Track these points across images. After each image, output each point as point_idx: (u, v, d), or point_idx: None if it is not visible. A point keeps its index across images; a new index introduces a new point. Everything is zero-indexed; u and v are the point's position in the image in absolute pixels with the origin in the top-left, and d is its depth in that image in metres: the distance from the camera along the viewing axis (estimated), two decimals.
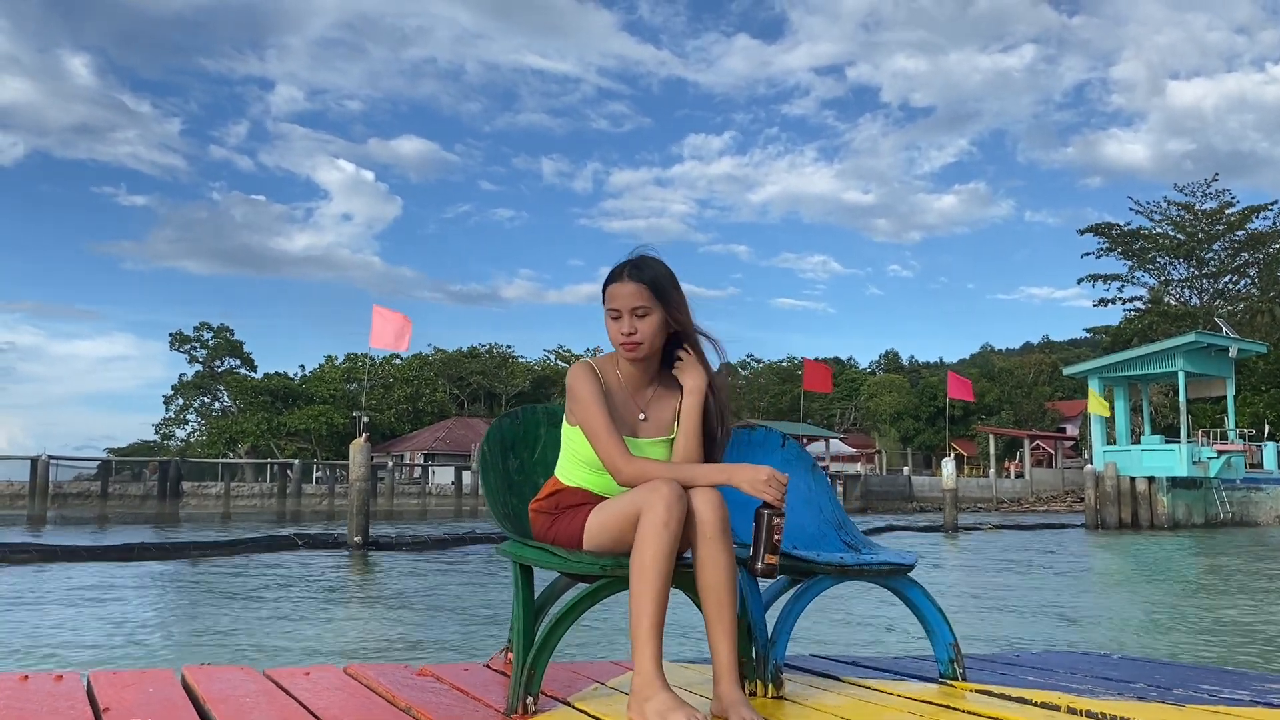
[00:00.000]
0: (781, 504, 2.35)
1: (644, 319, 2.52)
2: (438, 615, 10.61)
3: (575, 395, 2.52)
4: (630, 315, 2.52)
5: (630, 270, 2.54)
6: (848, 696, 2.68)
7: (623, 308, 2.52)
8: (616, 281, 2.55)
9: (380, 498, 39.97)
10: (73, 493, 35.94)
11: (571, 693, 2.68)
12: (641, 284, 2.52)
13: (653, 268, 2.56)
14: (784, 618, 2.73)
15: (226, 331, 60.72)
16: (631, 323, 2.52)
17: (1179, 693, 2.66)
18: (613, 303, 2.54)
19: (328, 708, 2.43)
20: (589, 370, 2.55)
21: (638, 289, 2.51)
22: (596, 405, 2.48)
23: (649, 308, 2.52)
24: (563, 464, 2.63)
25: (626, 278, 2.53)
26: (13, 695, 2.48)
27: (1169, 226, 62.64)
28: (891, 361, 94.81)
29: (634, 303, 2.51)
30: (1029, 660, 3.33)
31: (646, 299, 2.52)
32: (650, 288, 2.52)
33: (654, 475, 2.39)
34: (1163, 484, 34.69)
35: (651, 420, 2.59)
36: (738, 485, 2.37)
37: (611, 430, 2.46)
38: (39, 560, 16.11)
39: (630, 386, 2.61)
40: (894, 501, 51.96)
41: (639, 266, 2.55)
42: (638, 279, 2.53)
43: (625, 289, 2.52)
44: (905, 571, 2.71)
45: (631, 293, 2.52)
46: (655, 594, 2.25)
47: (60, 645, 8.63)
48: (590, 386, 2.51)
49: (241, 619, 10.25)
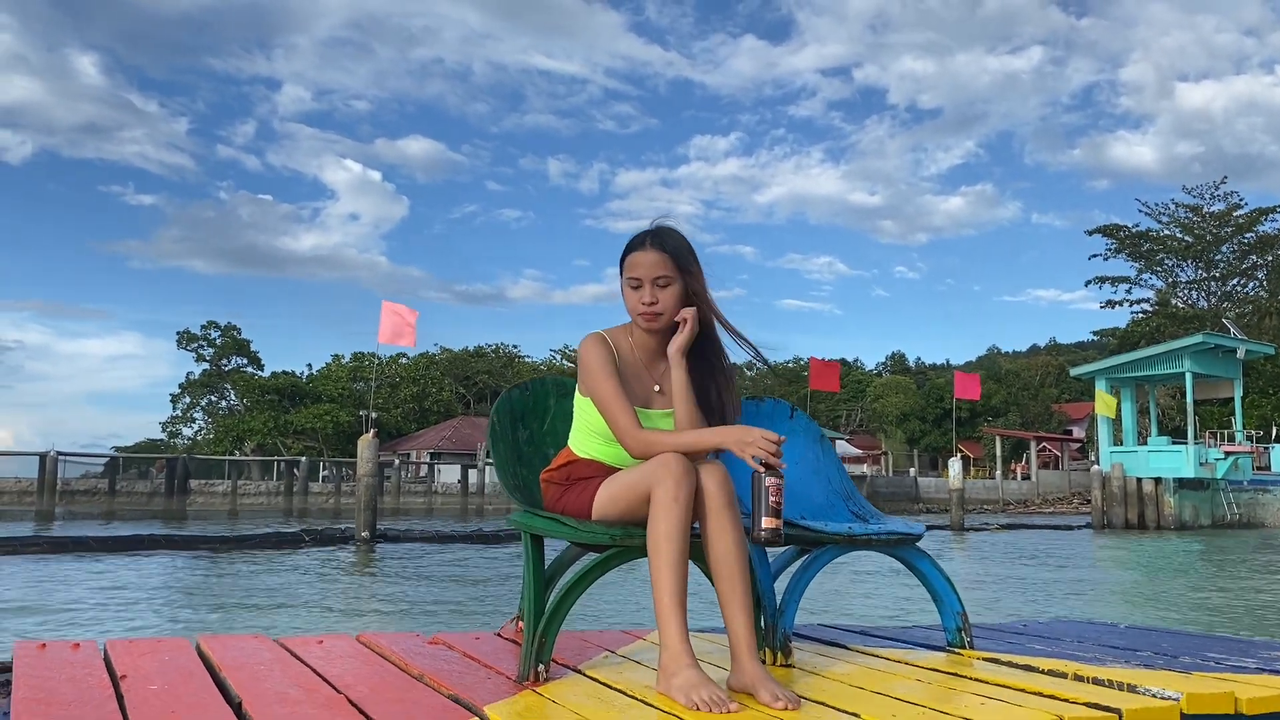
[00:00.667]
0: (776, 464, 2.32)
1: (665, 289, 2.50)
2: (448, 587, 10.65)
3: (586, 366, 2.52)
4: (651, 285, 2.50)
5: (652, 239, 2.52)
6: (856, 665, 2.70)
7: (644, 277, 2.50)
8: (638, 250, 2.52)
9: (386, 496, 40.02)
10: (80, 490, 36.07)
11: (582, 661, 2.70)
12: (664, 253, 2.50)
13: (674, 238, 2.54)
14: (792, 587, 2.75)
15: (234, 330, 60.85)
16: (653, 292, 2.50)
17: (1185, 660, 2.68)
18: (633, 271, 2.52)
19: (341, 675, 2.45)
20: (601, 341, 2.54)
21: (660, 258, 2.49)
22: (607, 376, 2.47)
23: (670, 277, 2.50)
24: (575, 435, 2.63)
25: (649, 246, 2.51)
26: (32, 663, 2.50)
27: (1177, 229, 62.54)
28: (898, 363, 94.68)
29: (656, 272, 2.49)
30: (1036, 629, 3.34)
31: (668, 268, 2.49)
32: (673, 257, 2.50)
33: (660, 445, 2.39)
34: (1169, 485, 34.62)
35: (665, 392, 2.58)
36: (730, 448, 2.36)
37: (622, 401, 2.46)
38: (49, 551, 16.18)
39: (645, 357, 2.59)
40: (900, 503, 51.88)
41: (661, 235, 2.53)
42: (660, 248, 2.50)
43: (647, 257, 2.50)
44: (913, 541, 2.73)
45: (654, 261, 2.49)
46: (674, 568, 2.26)
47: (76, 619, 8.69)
48: (601, 357, 2.50)
49: (254, 595, 10.31)
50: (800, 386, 61.12)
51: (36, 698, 2.12)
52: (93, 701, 2.11)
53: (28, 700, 2.10)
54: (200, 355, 60.42)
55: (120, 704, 2.09)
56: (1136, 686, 2.39)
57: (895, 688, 2.43)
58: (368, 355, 59.82)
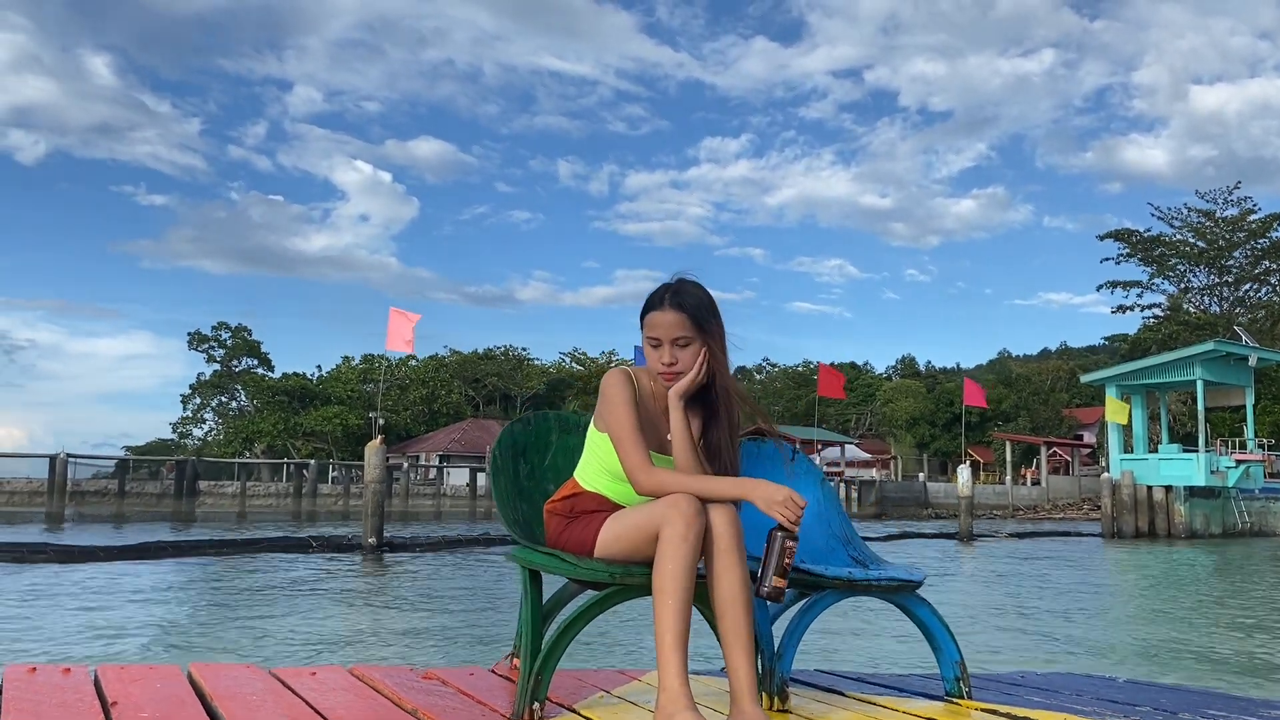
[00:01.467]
0: (796, 527, 2.32)
1: (685, 349, 2.50)
2: (446, 618, 10.65)
3: (609, 399, 2.51)
4: (671, 345, 2.49)
5: (671, 297, 2.51)
6: (853, 712, 2.67)
7: (663, 337, 2.49)
8: (657, 310, 2.51)
9: (395, 499, 40.10)
10: (91, 491, 36.21)
11: (578, 700, 2.68)
12: (682, 313, 2.48)
13: (693, 295, 2.52)
14: (791, 631, 2.72)
15: (244, 331, 61.02)
16: (672, 353, 2.49)
17: (1184, 717, 2.64)
18: (652, 331, 2.51)
19: (334, 708, 2.44)
20: (626, 377, 2.54)
21: (679, 319, 2.48)
22: (627, 412, 2.47)
23: (689, 337, 2.49)
24: (584, 468, 2.62)
25: (667, 306, 2.50)
26: (22, 687, 2.49)
27: (1190, 233, 62.25)
28: (908, 367, 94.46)
29: (675, 333, 2.49)
30: (1035, 681, 3.31)
31: (688, 329, 2.49)
32: (691, 318, 2.49)
33: (671, 488, 2.38)
34: (1180, 493, 34.45)
35: None
36: (754, 501, 2.35)
37: (638, 439, 2.45)
38: (57, 560, 16.22)
39: (661, 405, 2.59)
40: (909, 508, 51.77)
41: (680, 294, 2.51)
42: (679, 308, 2.49)
43: (666, 318, 2.49)
44: (913, 588, 2.70)
45: (672, 322, 2.48)
46: (678, 609, 2.24)
47: (69, 640, 8.69)
48: (625, 393, 2.49)
49: (251, 618, 10.30)
50: (810, 390, 61.09)
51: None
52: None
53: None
54: (211, 356, 60.65)
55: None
56: None
57: None
58: (377, 357, 59.93)
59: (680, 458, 2.50)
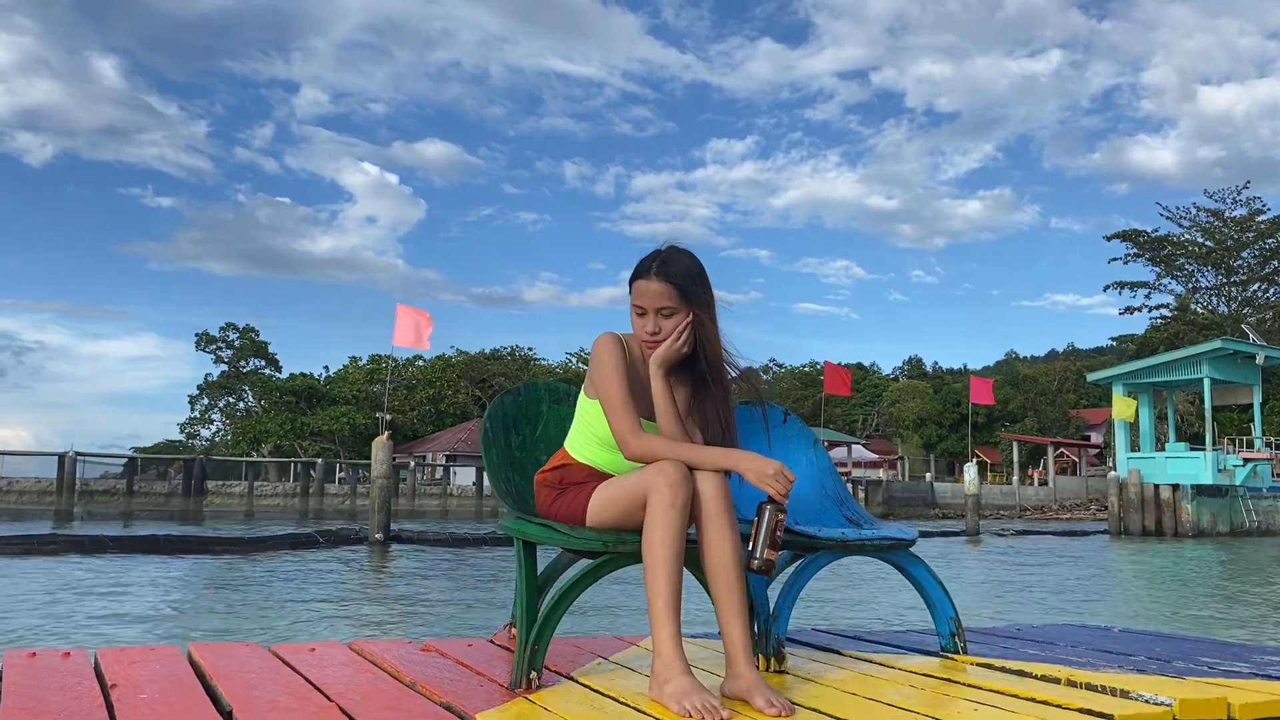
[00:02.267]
0: (785, 499, 2.33)
1: (669, 318, 2.49)
2: (450, 597, 10.68)
3: (600, 361, 2.51)
4: (655, 314, 2.49)
5: (658, 267, 2.50)
6: (849, 670, 2.70)
7: (648, 306, 2.49)
8: (643, 278, 2.51)
9: (402, 498, 40.18)
10: (99, 490, 36.36)
11: (575, 667, 2.70)
12: (668, 283, 2.48)
13: (681, 264, 2.51)
14: (785, 593, 2.75)
15: (252, 332, 61.10)
16: (656, 321, 2.50)
17: (1179, 665, 2.66)
18: (639, 299, 2.51)
19: (333, 683, 2.45)
20: (617, 342, 2.53)
21: (664, 288, 2.48)
22: (617, 376, 2.47)
23: (674, 307, 2.49)
24: (573, 437, 2.62)
25: (654, 275, 2.49)
26: (22, 672, 2.51)
27: (1198, 233, 62.16)
28: (915, 368, 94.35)
29: (660, 302, 2.48)
30: (1030, 634, 3.33)
31: (673, 299, 2.48)
32: (677, 287, 2.48)
33: (660, 454, 2.39)
34: (1187, 492, 34.38)
35: None
36: (742, 473, 2.36)
37: (628, 404, 2.45)
38: (65, 551, 16.30)
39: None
40: (916, 508, 51.70)
41: (667, 263, 2.51)
42: (665, 277, 2.48)
43: (652, 287, 2.49)
44: (906, 546, 2.72)
45: (658, 292, 2.48)
46: (668, 574, 2.26)
47: (72, 625, 8.74)
48: (615, 357, 2.49)
49: (255, 603, 10.35)
50: (817, 390, 61.04)
51: (25, 707, 2.12)
52: (82, 711, 2.11)
53: (16, 710, 2.10)
54: (219, 357, 60.73)
55: (110, 713, 2.09)
56: (1129, 692, 2.38)
57: (888, 694, 2.42)
58: (384, 357, 60.01)
59: (663, 426, 2.50)
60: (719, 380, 2.56)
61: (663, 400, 2.50)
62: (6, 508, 34.05)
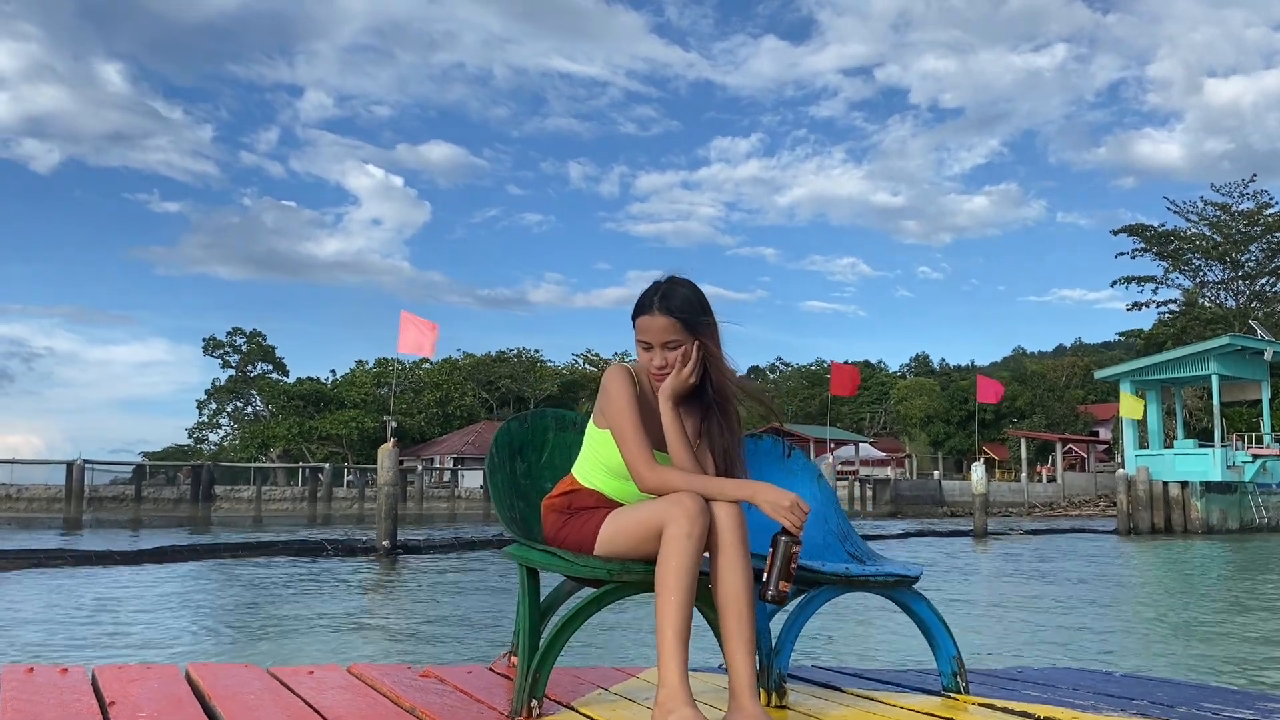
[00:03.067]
0: (800, 531, 2.32)
1: (674, 350, 2.50)
2: (453, 618, 10.68)
3: (610, 395, 2.51)
4: (662, 349, 2.50)
5: (660, 301, 2.51)
6: (850, 708, 2.68)
7: (654, 340, 2.50)
8: (646, 314, 2.51)
9: (410, 501, 40.22)
10: (108, 496, 36.47)
11: (575, 698, 2.69)
12: (671, 317, 2.49)
13: (681, 296, 2.51)
14: (788, 628, 2.73)
15: (259, 336, 61.26)
16: (663, 355, 2.51)
17: (1182, 710, 2.64)
18: (643, 335, 2.52)
19: (332, 707, 2.45)
20: (627, 374, 2.53)
21: (669, 323, 2.49)
22: (629, 408, 2.47)
23: (680, 340, 2.50)
24: (581, 464, 2.62)
25: (656, 310, 2.50)
26: (19, 687, 2.50)
27: (1205, 227, 61.83)
28: (922, 365, 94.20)
29: (665, 336, 2.49)
30: (1032, 676, 3.31)
31: (677, 332, 2.49)
32: (680, 320, 2.49)
33: (676, 485, 2.38)
34: (1196, 489, 34.26)
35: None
36: (759, 505, 2.35)
37: (640, 435, 2.45)
38: (73, 564, 16.32)
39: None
40: (925, 506, 51.60)
41: (668, 296, 2.51)
42: (667, 311, 2.49)
43: (656, 323, 2.49)
44: (910, 583, 2.71)
45: (663, 327, 2.49)
46: (680, 605, 2.25)
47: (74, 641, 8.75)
48: (626, 390, 2.49)
49: (258, 620, 10.35)
50: (824, 389, 60.96)
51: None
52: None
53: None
54: (226, 361, 60.91)
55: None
56: None
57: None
58: (391, 361, 60.08)
59: (675, 457, 2.50)
60: (726, 408, 2.57)
61: (674, 431, 2.51)
62: (16, 516, 34.16)
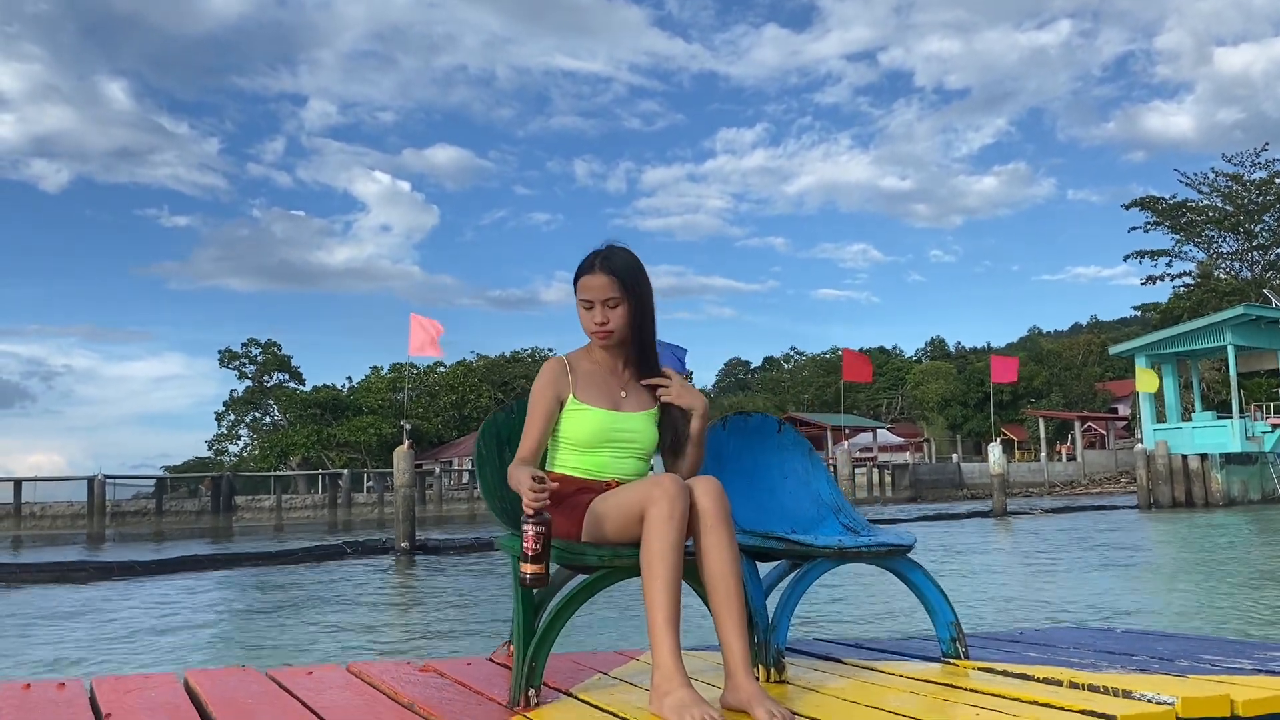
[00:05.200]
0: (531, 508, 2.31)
1: (615, 309, 2.65)
2: (468, 614, 10.72)
3: (534, 385, 2.69)
4: (602, 306, 2.64)
5: (602, 262, 2.66)
6: (850, 678, 2.68)
7: (594, 299, 2.64)
8: (589, 273, 2.66)
9: (430, 504, 40.36)
10: (130, 510, 36.74)
11: (574, 684, 2.70)
12: (612, 276, 2.63)
13: (622, 259, 2.67)
14: (784, 602, 2.74)
15: (274, 346, 61.47)
16: (604, 313, 2.65)
17: (1181, 664, 2.64)
18: (585, 293, 2.66)
19: (330, 707, 2.46)
20: (551, 367, 2.71)
21: (609, 281, 2.63)
22: (537, 400, 2.65)
23: (619, 299, 2.64)
24: (551, 453, 2.71)
25: (598, 269, 2.65)
26: (16, 704, 2.52)
27: (1217, 198, 61.39)
28: (938, 348, 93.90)
29: (605, 294, 2.63)
30: (1031, 637, 3.31)
31: (617, 290, 2.63)
32: (620, 279, 2.63)
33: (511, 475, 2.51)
34: (1216, 461, 34.05)
35: (632, 396, 2.70)
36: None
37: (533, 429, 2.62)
38: (96, 578, 16.43)
39: (607, 369, 2.73)
40: (944, 489, 51.47)
41: (610, 258, 2.66)
42: (609, 271, 2.64)
43: (597, 280, 2.64)
44: (904, 552, 2.71)
45: (603, 285, 2.63)
46: (667, 587, 2.29)
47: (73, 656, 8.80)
48: (541, 382, 2.68)
49: (264, 625, 10.42)
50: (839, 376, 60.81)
51: None
52: None
53: None
54: (242, 372, 61.14)
55: None
56: (1132, 692, 2.35)
57: (889, 701, 2.41)
58: (405, 365, 60.25)
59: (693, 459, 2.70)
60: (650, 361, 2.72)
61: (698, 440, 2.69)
62: (41, 532, 34.41)
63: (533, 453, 2.60)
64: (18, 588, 15.13)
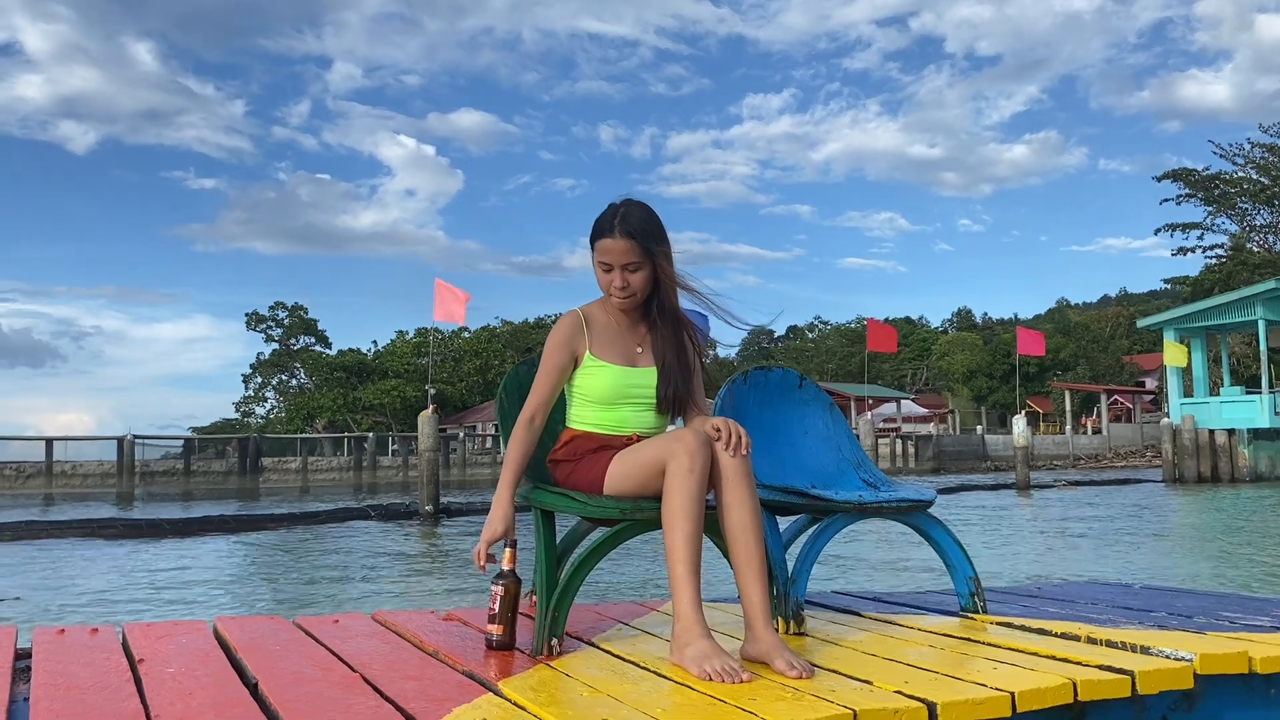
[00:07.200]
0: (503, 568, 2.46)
1: (635, 273, 2.63)
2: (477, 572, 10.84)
3: (548, 339, 2.67)
4: (622, 271, 2.62)
5: (620, 225, 2.61)
6: (869, 631, 2.70)
7: (614, 262, 2.62)
8: (607, 237, 2.62)
9: (454, 469, 40.64)
10: (159, 470, 37.26)
11: (596, 633, 2.74)
12: (632, 240, 2.60)
13: (639, 219, 2.63)
14: (804, 556, 2.76)
15: (301, 310, 61.82)
16: (624, 277, 2.63)
17: (1200, 620, 2.64)
18: (603, 256, 2.63)
19: (356, 653, 2.50)
20: (567, 322, 2.69)
21: (628, 245, 2.60)
22: (550, 354, 2.65)
23: (639, 262, 2.61)
24: (571, 410, 2.72)
25: (617, 233, 2.60)
26: (51, 648, 2.57)
27: (1252, 170, 60.42)
28: (964, 319, 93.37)
29: (625, 259, 2.61)
30: (1050, 592, 3.32)
31: (636, 254, 2.61)
32: (639, 243, 2.60)
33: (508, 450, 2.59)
34: (1243, 436, 33.76)
35: (647, 351, 2.70)
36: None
37: (543, 384, 2.63)
38: (125, 535, 16.68)
39: (623, 325, 2.72)
40: (968, 461, 51.28)
41: (627, 220, 2.62)
42: (627, 235, 2.60)
43: (616, 245, 2.61)
44: (924, 507, 2.72)
45: (623, 249, 2.60)
46: (689, 539, 2.32)
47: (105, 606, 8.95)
48: (557, 336, 2.66)
49: (289, 578, 10.57)
50: (863, 346, 60.58)
51: (55, 683, 2.19)
52: (110, 685, 2.17)
53: (47, 685, 2.17)
54: (269, 335, 61.56)
55: (138, 687, 2.15)
56: (1150, 648, 2.36)
57: (908, 654, 2.43)
58: (430, 330, 60.50)
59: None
60: (672, 321, 2.69)
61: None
62: (72, 491, 34.95)
63: (540, 407, 2.62)
64: (50, 542, 15.38)
